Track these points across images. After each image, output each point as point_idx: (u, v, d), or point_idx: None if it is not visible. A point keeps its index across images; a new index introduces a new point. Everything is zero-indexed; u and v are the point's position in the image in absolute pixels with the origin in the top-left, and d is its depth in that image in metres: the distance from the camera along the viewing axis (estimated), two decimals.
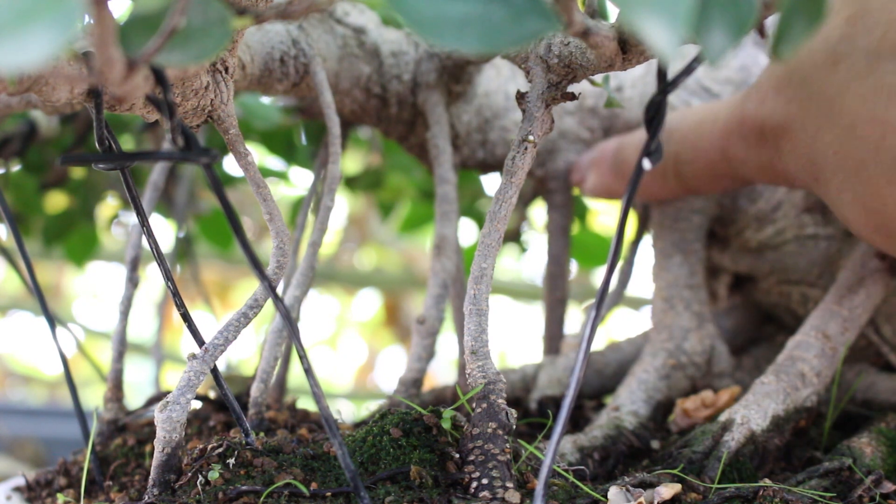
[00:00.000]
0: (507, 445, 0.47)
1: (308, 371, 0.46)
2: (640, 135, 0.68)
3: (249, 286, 2.19)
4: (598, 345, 0.74)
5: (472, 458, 0.47)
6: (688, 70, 0.45)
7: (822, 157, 0.52)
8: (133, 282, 0.65)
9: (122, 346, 0.64)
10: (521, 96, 0.51)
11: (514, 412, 0.49)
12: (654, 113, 0.46)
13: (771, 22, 0.39)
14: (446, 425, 0.49)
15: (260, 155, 1.01)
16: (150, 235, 0.52)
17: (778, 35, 0.35)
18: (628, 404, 0.63)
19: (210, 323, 1.37)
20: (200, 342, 0.51)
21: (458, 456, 0.48)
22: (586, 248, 1.12)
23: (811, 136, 0.52)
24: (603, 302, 0.44)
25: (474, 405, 0.49)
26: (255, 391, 0.59)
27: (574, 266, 1.16)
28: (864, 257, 0.65)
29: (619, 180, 0.68)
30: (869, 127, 0.49)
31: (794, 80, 0.53)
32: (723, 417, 0.57)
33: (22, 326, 2.37)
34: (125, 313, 0.65)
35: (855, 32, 0.51)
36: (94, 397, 1.87)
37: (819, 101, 0.52)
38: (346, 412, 1.44)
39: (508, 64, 0.76)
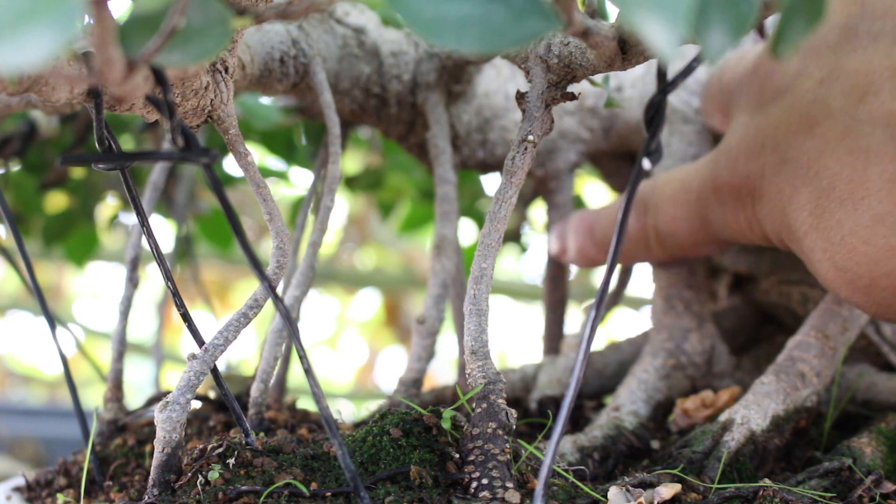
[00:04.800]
0: (507, 445, 0.47)
1: (308, 371, 0.46)
2: (611, 210, 0.68)
3: (249, 286, 2.18)
4: (598, 345, 0.74)
5: (472, 458, 0.47)
6: (688, 70, 0.45)
7: (797, 217, 0.53)
8: (133, 282, 0.65)
9: (122, 346, 0.64)
10: (520, 96, 0.51)
11: (514, 412, 0.49)
12: (654, 113, 0.46)
13: (770, 22, 0.39)
14: (446, 425, 0.49)
15: (260, 155, 1.01)
16: (150, 235, 0.52)
17: (777, 35, 0.35)
18: (628, 404, 0.63)
19: (210, 322, 1.37)
20: (200, 342, 0.51)
21: (458, 456, 0.48)
22: None
23: (787, 198, 0.53)
24: (603, 302, 0.44)
25: (474, 405, 0.49)
26: (255, 391, 0.59)
27: (574, 266, 1.15)
28: None
29: (601, 250, 0.69)
30: (847, 187, 0.50)
31: (767, 145, 0.55)
32: (723, 417, 0.57)
33: (22, 326, 2.37)
34: (125, 313, 0.65)
35: (830, 96, 0.52)
36: (94, 397, 1.87)
37: (795, 164, 0.53)
38: (346, 412, 1.44)
39: (508, 64, 0.76)
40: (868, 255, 0.50)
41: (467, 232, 1.21)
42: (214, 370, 0.52)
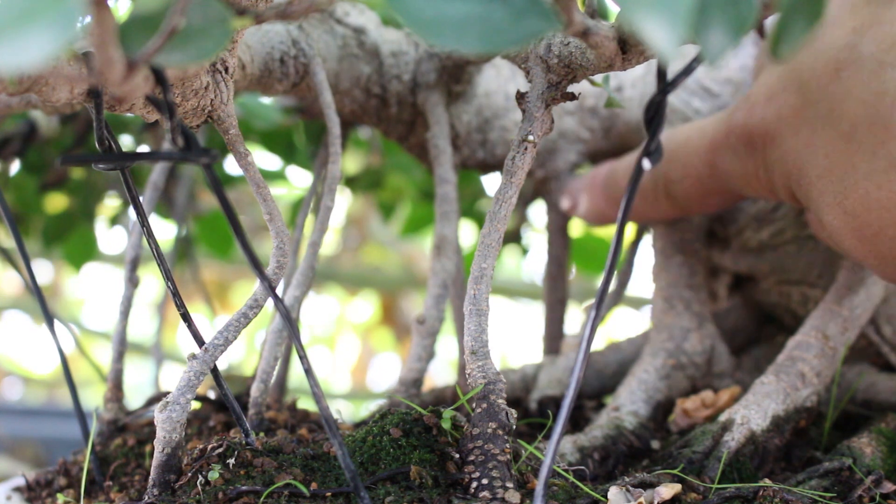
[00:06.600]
0: (507, 445, 0.47)
1: (308, 371, 0.46)
2: (630, 158, 0.68)
3: (249, 286, 2.18)
4: (598, 345, 0.74)
5: (472, 458, 0.47)
6: (687, 70, 0.45)
7: (812, 160, 0.53)
8: (133, 282, 0.65)
9: (122, 346, 0.64)
10: (521, 96, 0.51)
11: (514, 412, 0.49)
12: (654, 113, 0.46)
13: (770, 22, 0.39)
14: (446, 425, 0.49)
15: (259, 155, 1.01)
16: (150, 235, 0.52)
17: (776, 35, 0.35)
18: (628, 404, 0.63)
19: (208, 323, 1.37)
20: (200, 342, 0.51)
21: (458, 456, 0.48)
22: (587, 252, 1.12)
23: (803, 140, 0.54)
24: (603, 302, 0.44)
25: (474, 405, 0.49)
26: (255, 391, 0.59)
27: (574, 266, 1.16)
28: None
29: (611, 205, 0.69)
30: (869, 131, 0.50)
31: (790, 88, 0.55)
32: (723, 417, 0.57)
33: (19, 327, 2.37)
34: (125, 313, 0.65)
35: (861, 42, 0.52)
36: (94, 397, 1.87)
37: (816, 106, 0.53)
38: (346, 412, 1.44)
39: (508, 64, 0.76)
40: (880, 202, 0.50)
41: (467, 232, 1.21)
42: (214, 370, 0.52)
